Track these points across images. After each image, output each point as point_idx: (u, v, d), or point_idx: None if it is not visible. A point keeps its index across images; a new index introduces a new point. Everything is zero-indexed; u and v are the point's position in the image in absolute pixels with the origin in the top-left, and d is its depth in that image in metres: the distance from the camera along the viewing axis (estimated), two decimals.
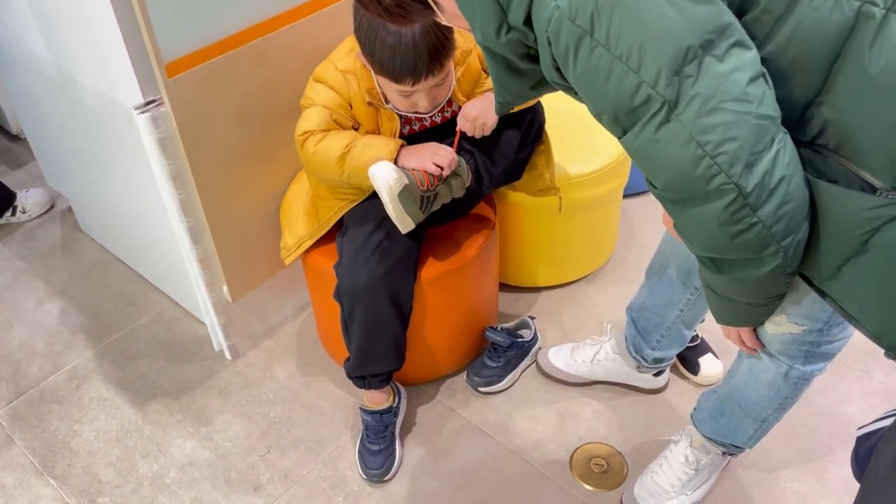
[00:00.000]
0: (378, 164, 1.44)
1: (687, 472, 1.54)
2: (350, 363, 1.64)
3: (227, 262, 1.76)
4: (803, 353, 1.24)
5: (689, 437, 1.55)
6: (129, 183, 1.86)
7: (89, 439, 1.77)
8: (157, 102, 1.49)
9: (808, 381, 1.30)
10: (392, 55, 1.34)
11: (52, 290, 2.18)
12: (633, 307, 1.69)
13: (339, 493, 1.65)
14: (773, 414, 1.39)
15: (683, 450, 1.55)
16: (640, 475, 1.60)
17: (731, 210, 0.89)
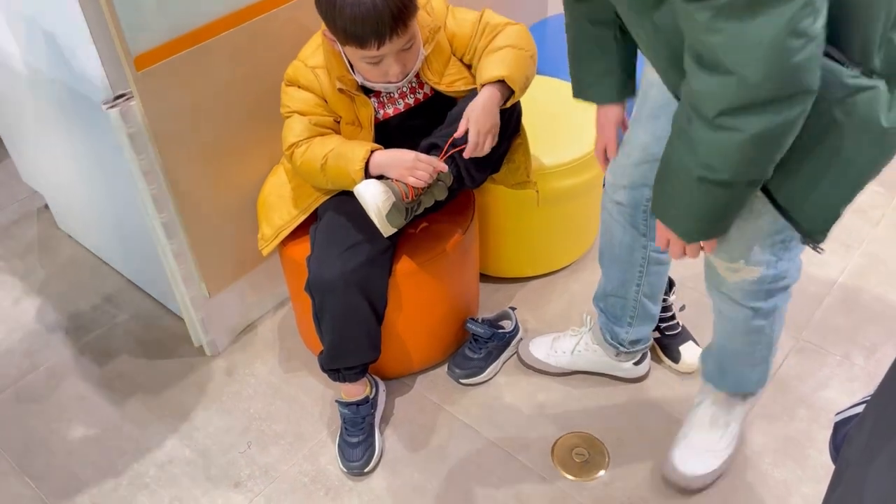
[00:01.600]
0: (365, 184, 1.46)
1: (717, 428, 1.60)
2: (323, 356, 1.62)
3: (204, 258, 1.74)
4: (764, 292, 1.35)
5: (708, 395, 1.62)
6: (103, 179, 1.84)
7: (68, 438, 1.76)
8: (126, 97, 1.47)
9: (779, 310, 1.42)
10: (353, 21, 1.34)
11: (30, 289, 2.15)
12: (597, 297, 1.73)
13: (319, 487, 1.64)
14: (765, 351, 1.49)
15: (708, 408, 1.62)
16: (673, 445, 1.62)
17: (803, 13, 0.89)
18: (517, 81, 1.50)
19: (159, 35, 1.43)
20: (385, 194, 1.45)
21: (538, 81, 2.10)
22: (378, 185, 1.46)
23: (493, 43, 1.54)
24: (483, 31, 1.56)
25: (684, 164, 1.08)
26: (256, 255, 1.85)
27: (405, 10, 1.37)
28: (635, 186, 1.47)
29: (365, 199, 1.45)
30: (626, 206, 1.51)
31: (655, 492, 1.60)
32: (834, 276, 2.05)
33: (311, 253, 1.55)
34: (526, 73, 1.53)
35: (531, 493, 1.61)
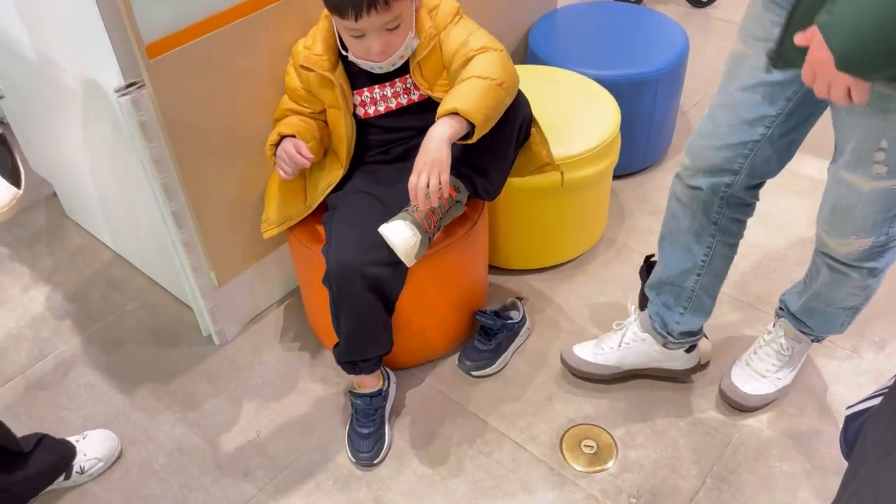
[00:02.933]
0: (391, 228, 1.45)
1: (781, 358, 1.70)
2: (339, 349, 1.62)
3: (213, 247, 1.74)
4: (877, 253, 1.39)
5: (782, 328, 1.70)
6: (113, 167, 1.84)
7: (76, 426, 1.76)
8: (138, 84, 1.46)
9: (885, 271, 1.46)
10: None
11: (38, 277, 2.15)
12: (651, 285, 1.68)
13: (328, 477, 1.65)
14: (864, 303, 1.54)
15: (777, 339, 1.70)
16: (734, 365, 1.75)
17: None
18: (476, 113, 1.39)
19: (172, 23, 1.42)
20: (411, 232, 1.45)
21: (549, 73, 2.10)
22: (403, 226, 1.45)
23: (462, 72, 1.49)
24: (461, 51, 1.51)
25: None
26: (266, 244, 1.85)
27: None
28: (716, 171, 1.40)
29: (393, 243, 1.45)
30: (704, 192, 1.44)
31: (663, 483, 1.60)
32: None
33: (329, 245, 1.54)
34: (489, 102, 1.42)
35: (539, 484, 1.61)
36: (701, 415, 1.72)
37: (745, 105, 1.33)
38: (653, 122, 2.28)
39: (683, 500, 1.57)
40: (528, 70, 2.12)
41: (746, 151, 1.37)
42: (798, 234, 2.15)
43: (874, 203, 1.30)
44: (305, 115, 1.63)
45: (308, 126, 1.61)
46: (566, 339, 1.90)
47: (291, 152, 1.54)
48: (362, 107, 1.61)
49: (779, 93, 1.30)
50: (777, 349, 1.70)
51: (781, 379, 1.71)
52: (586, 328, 1.93)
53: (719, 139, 1.38)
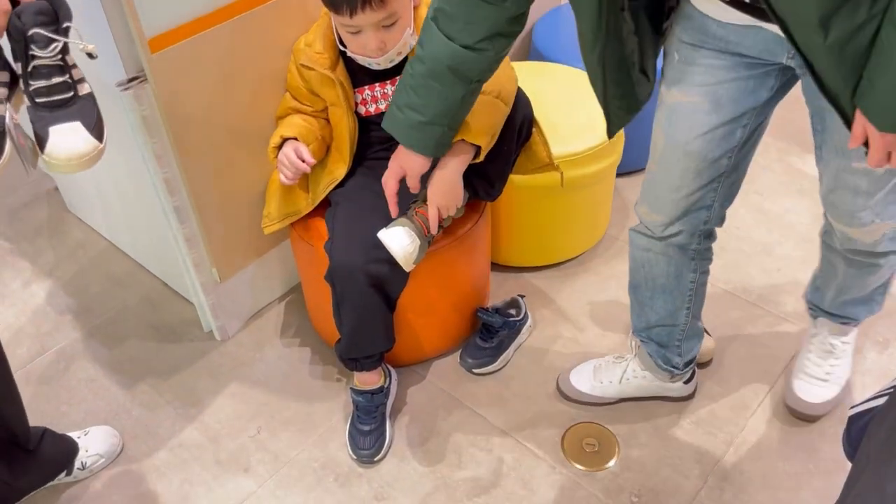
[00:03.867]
0: (389, 235, 1.45)
1: (834, 356, 1.68)
2: (341, 345, 1.62)
3: (215, 242, 1.74)
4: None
5: (823, 327, 1.68)
6: (114, 162, 1.83)
7: (77, 421, 1.76)
8: (140, 79, 1.46)
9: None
10: None
11: (39, 271, 2.15)
12: (638, 329, 1.63)
13: (329, 473, 1.64)
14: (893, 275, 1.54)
15: (825, 340, 1.68)
16: (792, 376, 1.71)
17: None
18: (482, 137, 1.42)
19: (174, 17, 1.42)
20: (410, 239, 1.46)
21: (553, 69, 2.09)
22: (402, 233, 1.46)
23: None
24: None
25: None
26: (268, 240, 1.85)
27: None
28: (690, 212, 1.37)
29: (392, 249, 1.45)
30: (682, 235, 1.41)
31: (664, 482, 1.60)
32: None
33: (332, 242, 1.54)
34: (492, 120, 1.44)
35: (541, 482, 1.61)
36: (703, 414, 1.72)
37: (706, 148, 1.29)
38: None
39: (685, 500, 1.57)
40: (531, 66, 2.11)
41: (716, 184, 1.34)
42: (801, 232, 2.14)
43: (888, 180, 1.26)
44: (307, 114, 1.63)
45: (310, 126, 1.61)
46: (568, 338, 1.90)
47: (292, 157, 1.54)
48: (363, 105, 1.60)
49: (734, 129, 1.27)
50: (828, 349, 1.69)
51: (842, 376, 1.70)
52: (588, 326, 1.93)
53: (688, 185, 1.34)
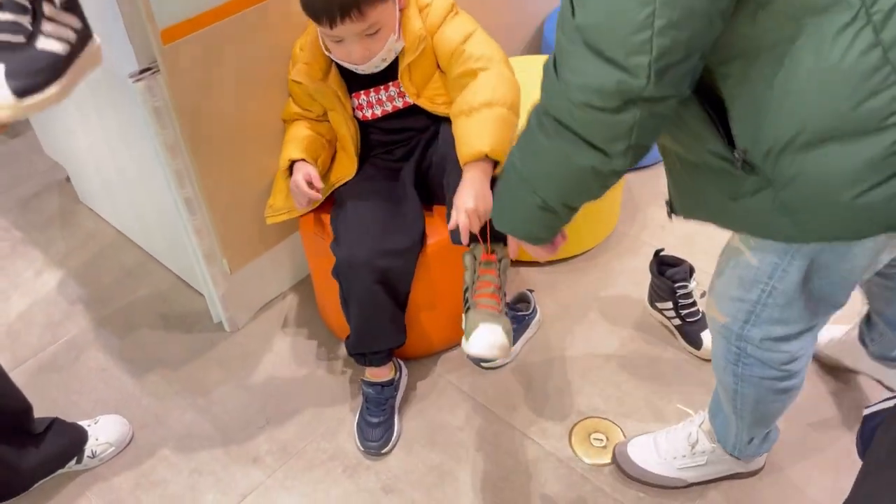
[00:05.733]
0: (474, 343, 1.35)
1: (685, 447, 1.54)
2: (350, 341, 1.63)
3: (225, 233, 1.74)
4: (734, 350, 1.25)
5: (703, 418, 1.54)
6: (126, 153, 1.84)
7: (88, 410, 1.77)
8: (152, 70, 1.46)
9: (754, 387, 1.28)
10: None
11: (51, 261, 2.16)
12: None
13: (337, 465, 1.65)
14: (738, 419, 1.37)
15: (692, 427, 1.55)
16: (645, 434, 1.61)
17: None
18: (501, 152, 1.40)
19: (186, 9, 1.42)
20: (492, 333, 1.35)
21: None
22: (483, 334, 1.34)
23: (469, 96, 1.44)
24: (459, 59, 1.49)
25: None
26: (277, 231, 1.85)
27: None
28: None
29: (487, 355, 1.35)
30: None
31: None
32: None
33: (337, 239, 1.54)
34: (507, 134, 1.43)
35: (548, 475, 1.61)
36: None
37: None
38: None
39: (692, 496, 1.57)
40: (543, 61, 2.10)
41: None
42: None
43: (735, 266, 1.17)
44: (312, 119, 1.63)
45: (315, 134, 1.62)
46: (576, 332, 1.89)
47: (303, 187, 1.53)
48: (360, 110, 1.60)
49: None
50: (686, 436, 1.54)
51: (681, 470, 1.53)
52: (596, 322, 1.92)
53: None
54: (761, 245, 1.11)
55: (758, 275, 1.14)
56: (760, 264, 1.13)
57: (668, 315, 1.86)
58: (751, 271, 1.14)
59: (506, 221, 1.18)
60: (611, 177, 1.00)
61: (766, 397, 1.31)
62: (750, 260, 1.14)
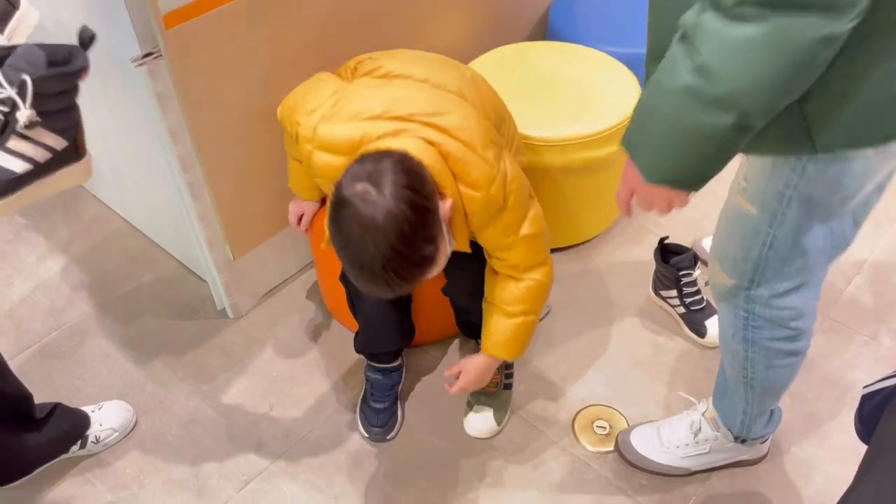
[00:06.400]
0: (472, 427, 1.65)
1: (688, 435, 1.54)
2: (358, 341, 1.65)
3: (229, 220, 1.74)
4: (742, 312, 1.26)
5: (707, 406, 1.54)
6: (129, 139, 1.83)
7: (91, 395, 1.77)
8: (154, 54, 1.45)
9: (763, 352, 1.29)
10: (354, 278, 1.20)
11: (54, 247, 2.16)
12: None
13: (341, 451, 1.65)
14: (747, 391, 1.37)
15: (695, 415, 1.55)
16: (647, 423, 1.61)
17: None
18: (519, 356, 1.49)
19: None
20: (484, 422, 1.65)
21: (569, 50, 2.07)
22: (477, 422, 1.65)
23: (509, 297, 1.41)
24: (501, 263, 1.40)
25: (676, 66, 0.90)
26: (281, 218, 1.85)
27: (407, 282, 1.18)
28: None
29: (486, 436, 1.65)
30: None
31: None
32: (864, 255, 2.02)
33: None
34: (530, 338, 1.49)
35: (551, 462, 1.61)
36: None
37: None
38: None
39: (695, 483, 1.57)
40: (548, 47, 2.09)
41: None
42: None
43: (734, 223, 1.19)
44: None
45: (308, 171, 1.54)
46: (580, 321, 1.89)
47: (292, 221, 1.70)
48: None
49: None
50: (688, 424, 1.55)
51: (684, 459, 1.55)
52: (600, 310, 1.92)
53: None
54: (760, 192, 1.12)
55: (758, 225, 1.14)
56: (760, 212, 1.13)
57: (673, 303, 1.86)
58: (751, 224, 1.15)
59: (666, 169, 0.99)
60: (841, 38, 0.83)
61: (776, 361, 1.32)
62: (749, 210, 1.14)
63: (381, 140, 1.23)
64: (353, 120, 1.27)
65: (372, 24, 1.77)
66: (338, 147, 1.27)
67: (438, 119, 1.26)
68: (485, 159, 1.26)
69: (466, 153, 1.25)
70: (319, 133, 1.29)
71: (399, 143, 1.22)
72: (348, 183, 1.14)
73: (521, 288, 1.40)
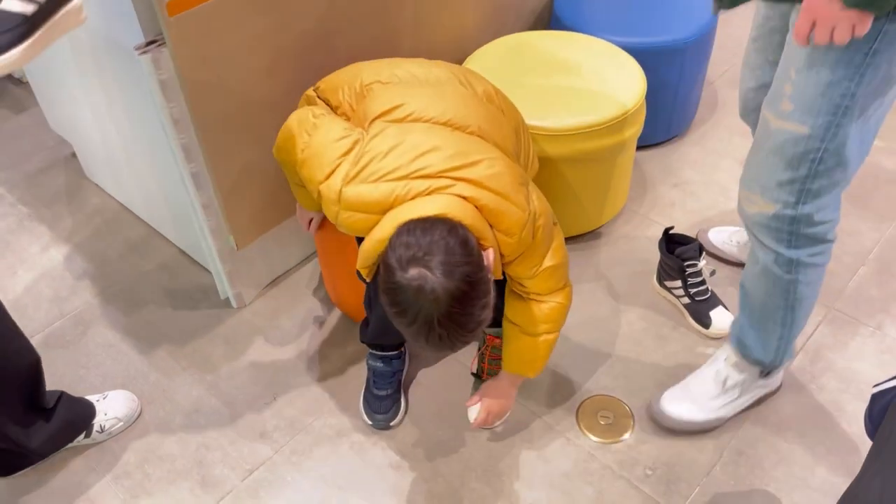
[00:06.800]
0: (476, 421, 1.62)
1: (719, 385, 1.58)
2: (367, 334, 1.64)
3: (232, 210, 1.73)
4: (786, 235, 1.32)
5: (724, 352, 1.59)
6: (132, 128, 1.83)
7: (95, 384, 1.77)
8: (158, 43, 1.45)
9: (803, 268, 1.36)
10: (413, 342, 1.22)
11: (57, 237, 2.16)
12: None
13: (344, 440, 1.65)
14: (784, 315, 1.43)
15: (719, 364, 1.60)
16: (674, 384, 1.64)
17: None
18: (540, 372, 1.53)
19: None
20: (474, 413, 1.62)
21: (574, 39, 2.06)
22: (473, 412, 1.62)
23: (532, 317, 1.43)
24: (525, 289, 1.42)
25: None
26: (284, 208, 1.84)
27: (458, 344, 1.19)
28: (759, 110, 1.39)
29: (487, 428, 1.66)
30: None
31: (679, 456, 1.60)
32: (869, 246, 2.01)
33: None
34: (550, 355, 1.51)
35: (555, 452, 1.61)
36: None
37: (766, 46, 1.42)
38: (678, 93, 2.23)
39: (700, 473, 1.57)
40: (551, 36, 2.08)
41: None
42: None
43: (778, 150, 1.25)
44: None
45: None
46: (585, 311, 1.89)
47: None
48: None
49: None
50: (717, 374, 1.60)
51: (719, 409, 1.60)
52: (604, 299, 1.92)
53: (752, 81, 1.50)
54: (812, 110, 1.18)
55: (809, 143, 1.21)
56: (812, 129, 1.20)
57: (677, 294, 1.85)
58: (801, 144, 1.22)
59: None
60: None
61: (814, 276, 1.38)
62: (799, 130, 1.20)
63: (414, 201, 1.22)
64: (382, 181, 1.24)
65: (376, 13, 1.76)
66: (368, 207, 1.26)
67: (468, 172, 1.25)
68: (517, 205, 1.26)
69: (499, 202, 1.25)
70: (346, 196, 1.26)
71: (434, 203, 1.20)
72: (401, 266, 1.14)
73: (544, 309, 1.43)
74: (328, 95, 1.48)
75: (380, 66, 1.46)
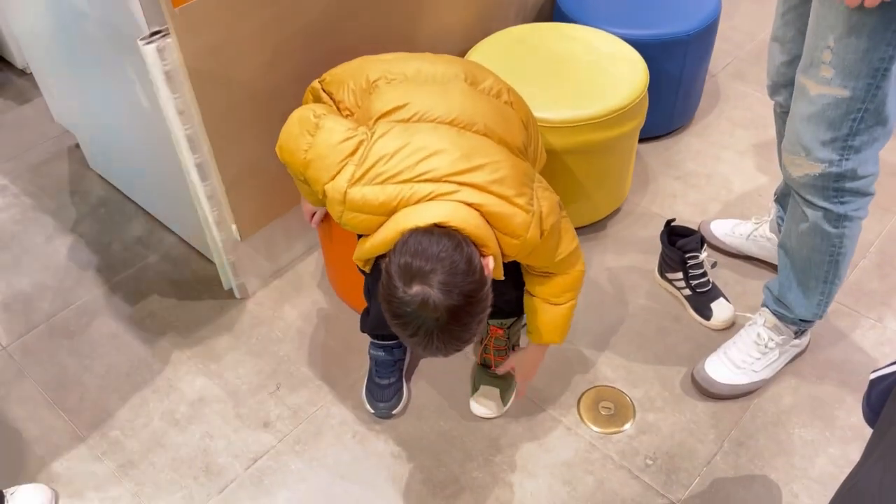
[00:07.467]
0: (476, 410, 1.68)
1: (759, 348, 1.65)
2: (367, 324, 1.65)
3: (236, 200, 1.74)
4: (833, 192, 1.39)
5: (763, 317, 1.66)
6: (136, 118, 1.83)
7: (100, 374, 1.79)
8: (162, 33, 1.45)
9: (851, 223, 1.44)
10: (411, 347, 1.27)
11: (62, 227, 2.17)
12: (777, 193, 1.81)
13: (347, 430, 1.66)
14: (828, 271, 1.51)
15: (757, 328, 1.67)
16: (713, 351, 1.71)
17: None
18: (565, 337, 1.53)
19: None
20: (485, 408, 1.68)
21: (576, 31, 2.06)
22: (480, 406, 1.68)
23: (553, 289, 1.44)
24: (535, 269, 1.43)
25: None
26: (288, 199, 1.85)
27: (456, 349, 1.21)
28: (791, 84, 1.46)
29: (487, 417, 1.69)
30: (786, 107, 1.54)
31: (680, 446, 1.61)
32: (870, 238, 2.01)
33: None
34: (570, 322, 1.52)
35: (556, 443, 1.62)
36: None
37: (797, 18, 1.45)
38: (681, 85, 2.23)
39: (700, 464, 1.58)
40: (554, 28, 2.08)
41: None
42: None
43: (820, 114, 1.31)
44: None
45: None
46: (586, 302, 1.89)
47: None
48: None
49: None
50: (756, 337, 1.67)
51: (761, 370, 1.68)
52: (607, 292, 1.92)
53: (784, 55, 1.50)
54: (853, 74, 1.25)
55: (850, 104, 1.28)
56: (853, 92, 1.27)
57: (678, 286, 1.86)
58: (842, 106, 1.29)
59: None
60: None
61: (856, 231, 1.47)
62: (840, 94, 1.28)
63: (418, 205, 1.23)
64: (388, 183, 1.24)
65: (379, 5, 1.76)
66: (372, 209, 1.26)
67: (472, 176, 1.24)
68: (521, 207, 1.26)
69: (504, 206, 1.25)
70: (352, 198, 1.26)
71: (438, 209, 1.21)
72: (403, 282, 1.14)
73: (567, 280, 1.45)
74: (333, 89, 1.48)
75: (387, 62, 1.45)
